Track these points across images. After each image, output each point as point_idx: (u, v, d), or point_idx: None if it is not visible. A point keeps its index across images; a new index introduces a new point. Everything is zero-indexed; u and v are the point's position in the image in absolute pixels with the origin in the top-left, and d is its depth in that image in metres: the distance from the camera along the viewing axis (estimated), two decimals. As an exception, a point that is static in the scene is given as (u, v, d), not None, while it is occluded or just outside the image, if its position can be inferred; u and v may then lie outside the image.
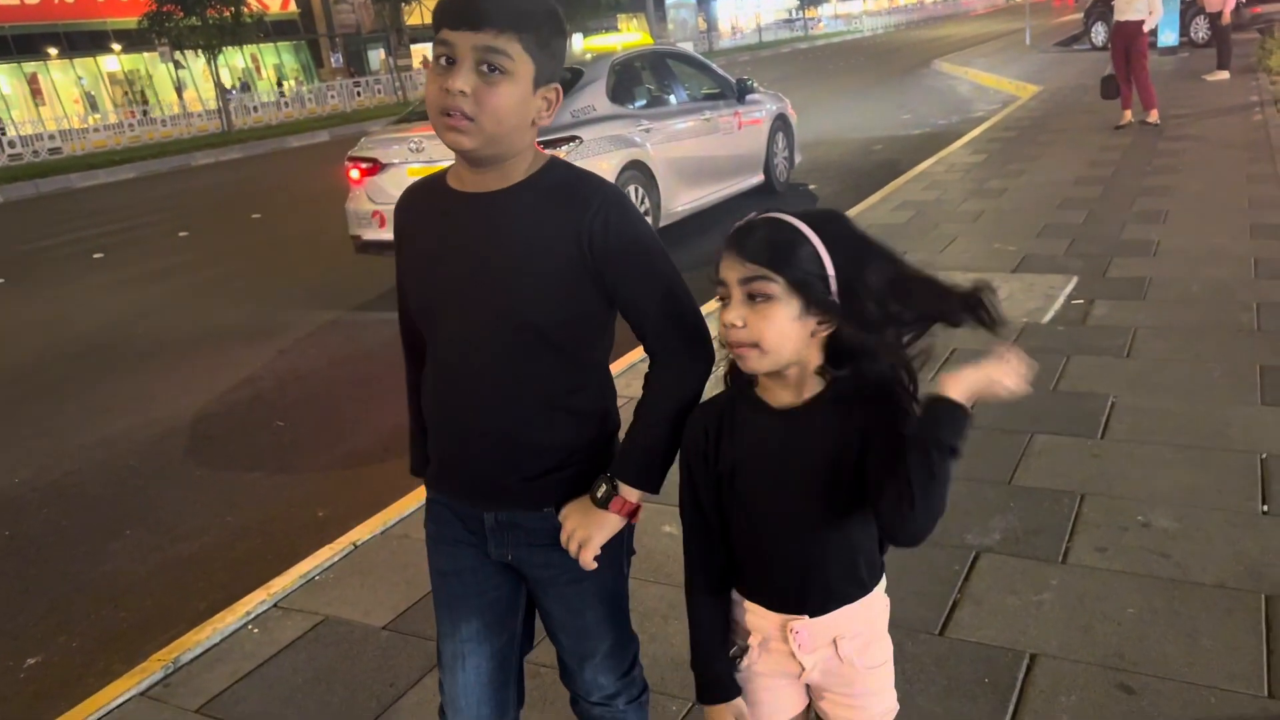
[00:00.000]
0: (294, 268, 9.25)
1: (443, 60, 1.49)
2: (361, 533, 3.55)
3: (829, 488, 1.44)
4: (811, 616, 1.50)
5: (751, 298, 1.38)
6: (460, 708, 1.77)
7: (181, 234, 11.87)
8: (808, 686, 1.59)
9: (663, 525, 3.25)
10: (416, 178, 5.39)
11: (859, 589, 1.52)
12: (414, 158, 7.15)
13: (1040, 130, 11.49)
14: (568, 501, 1.66)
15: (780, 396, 1.47)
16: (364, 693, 2.68)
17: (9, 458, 5.18)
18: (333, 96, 34.27)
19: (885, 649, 1.58)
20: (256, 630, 3.04)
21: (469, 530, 1.73)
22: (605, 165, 7.24)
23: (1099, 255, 6.07)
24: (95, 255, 11.05)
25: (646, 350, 1.65)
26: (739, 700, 1.57)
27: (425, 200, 1.70)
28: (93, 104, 36.99)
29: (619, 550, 1.73)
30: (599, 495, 1.62)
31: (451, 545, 1.75)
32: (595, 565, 1.62)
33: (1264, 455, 3.39)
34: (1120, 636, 2.56)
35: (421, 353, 1.78)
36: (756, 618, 1.55)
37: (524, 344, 1.59)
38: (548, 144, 6.80)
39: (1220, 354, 4.33)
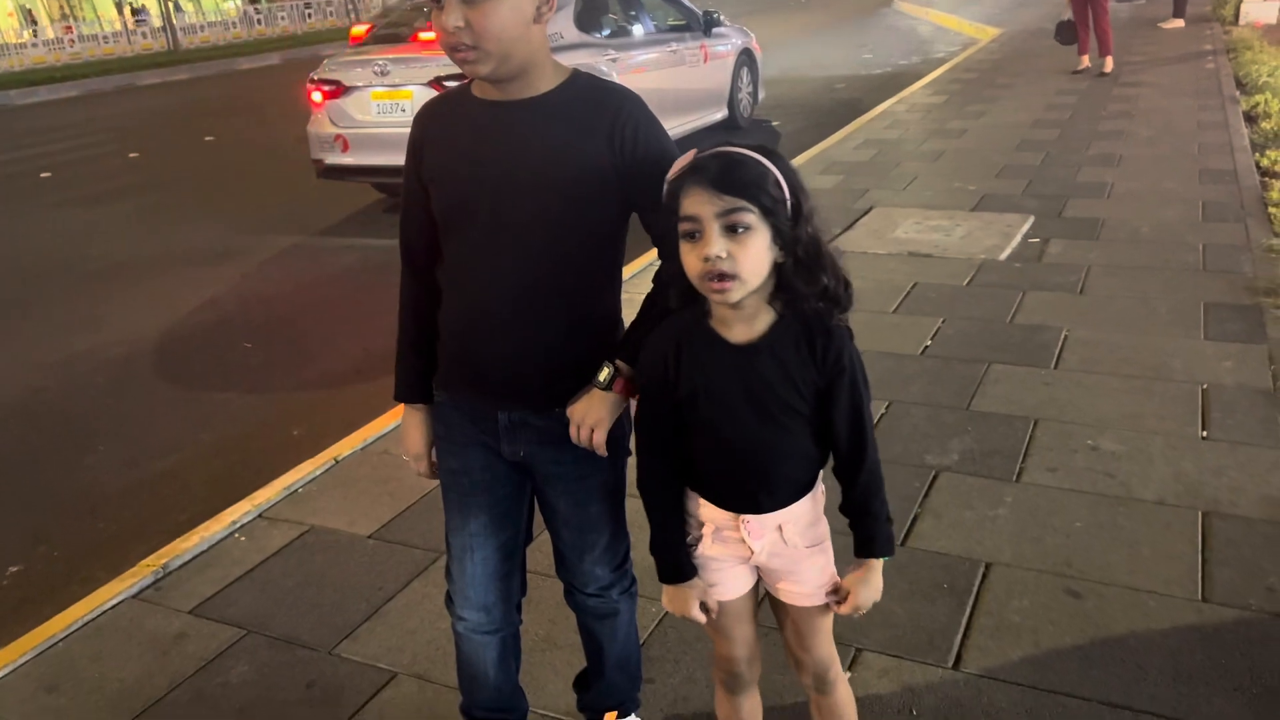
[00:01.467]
0: (250, 191, 9.12)
1: (437, 2, 1.56)
2: (342, 448, 3.63)
3: (786, 412, 1.57)
4: (762, 513, 1.64)
5: (732, 229, 1.42)
6: (469, 596, 1.90)
7: (132, 155, 11.58)
8: (756, 567, 1.75)
9: (637, 444, 3.37)
10: (380, 102, 5.23)
11: (805, 488, 1.66)
12: (378, 81, 7.05)
13: (999, 73, 11.60)
14: None
15: (736, 330, 1.55)
16: (354, 595, 2.78)
17: (-29, 376, 5.14)
18: (282, 18, 33.23)
19: (823, 529, 1.72)
20: (243, 538, 3.12)
21: (480, 430, 1.82)
22: None
23: (1055, 196, 6.24)
24: (43, 174, 10.76)
25: (661, 252, 1.73)
26: (698, 580, 1.71)
27: (451, 110, 1.74)
28: (29, 18, 35.48)
29: (621, 448, 1.84)
30: (602, 378, 1.70)
31: (461, 446, 1.85)
32: (606, 451, 1.73)
33: (1204, 385, 3.59)
34: (1068, 547, 2.75)
35: (422, 267, 1.83)
36: (710, 511, 1.68)
37: (551, 247, 1.67)
38: None
39: (1167, 291, 4.52)
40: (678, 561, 1.71)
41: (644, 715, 2.21)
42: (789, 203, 1.46)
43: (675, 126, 8.60)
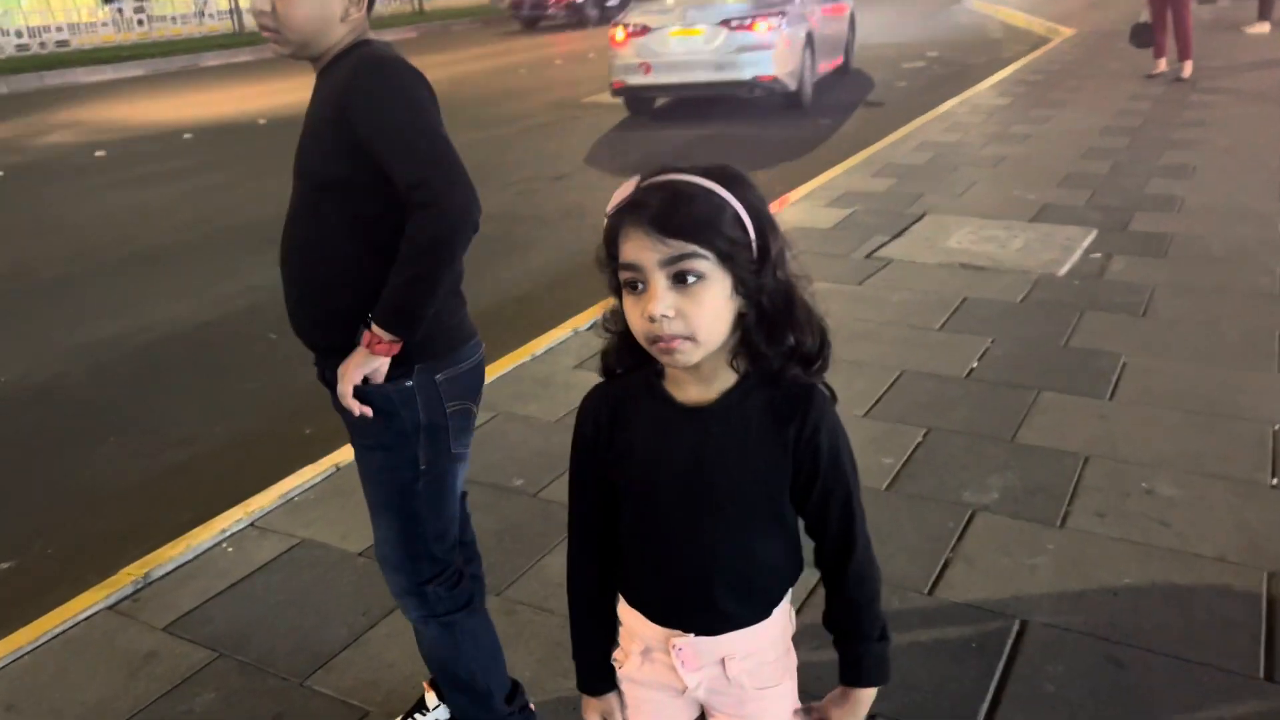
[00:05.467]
0: (297, 177, 9.08)
1: None
2: (344, 454, 3.47)
3: (739, 499, 1.29)
4: (697, 635, 1.34)
5: (680, 279, 1.16)
6: None
7: (186, 136, 11.64)
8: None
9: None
10: (677, 38, 10.17)
11: (756, 612, 1.34)
12: (673, 21, 9.94)
13: (1069, 75, 11.16)
14: None
15: (689, 391, 1.28)
16: (336, 619, 2.62)
17: (-4, 357, 5.11)
18: (348, 2, 33.46)
19: (783, 668, 1.40)
20: (231, 549, 2.98)
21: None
22: (799, 34, 10.19)
23: (1121, 208, 5.89)
24: (97, 153, 10.85)
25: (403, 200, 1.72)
26: (610, 697, 1.44)
27: None
28: (104, -3, 36.15)
29: (409, 437, 1.83)
30: (359, 331, 1.75)
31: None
32: (356, 406, 1.75)
33: (1277, 426, 3.29)
34: (1114, 607, 2.49)
35: None
36: (640, 624, 1.39)
37: (312, 199, 1.79)
38: (763, 15, 9.76)
39: (1238, 318, 4.19)
40: (590, 669, 1.44)
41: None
42: (753, 244, 1.19)
43: (829, 65, 11.55)
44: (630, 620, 1.40)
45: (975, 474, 3.11)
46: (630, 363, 1.31)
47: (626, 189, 1.21)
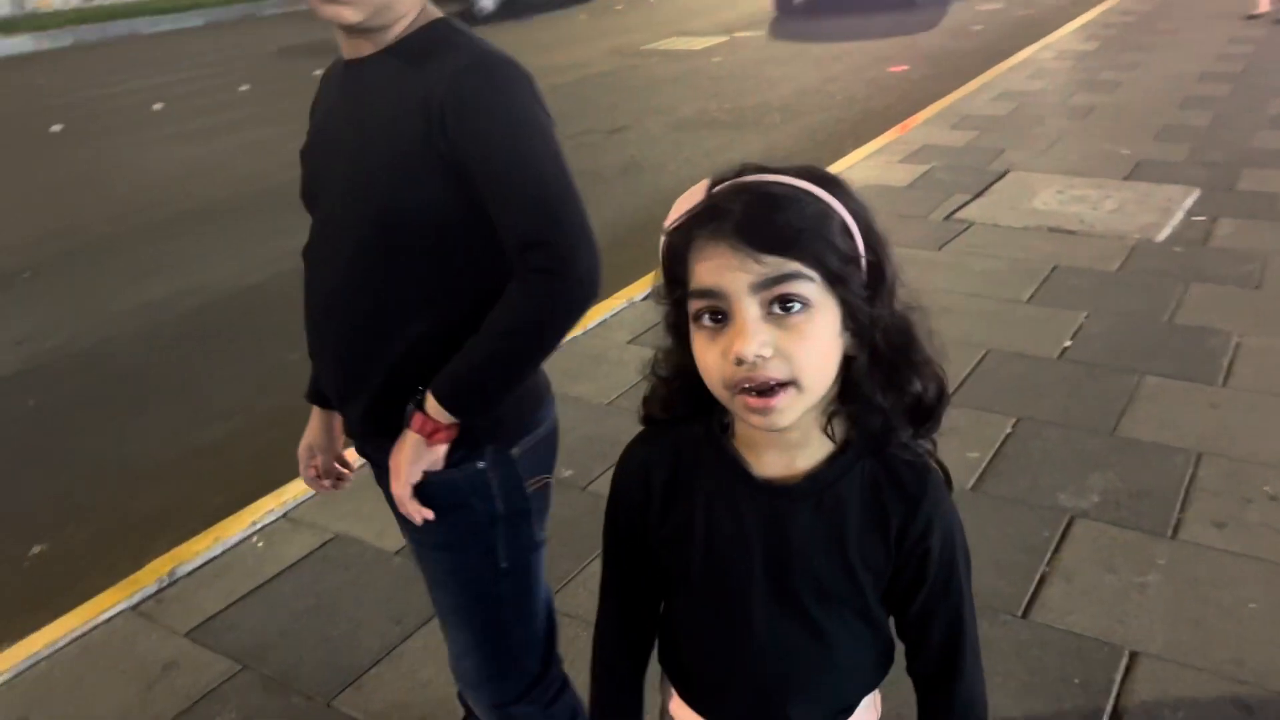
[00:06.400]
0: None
1: None
2: (385, 439, 3.28)
3: (828, 603, 1.04)
4: None
5: (782, 306, 0.88)
6: None
7: (242, 88, 11.51)
8: None
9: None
10: None
11: (842, 712, 1.11)
12: None
13: (1161, 16, 10.45)
14: None
15: (766, 459, 1.01)
16: (367, 628, 2.43)
17: (45, 320, 5.00)
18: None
19: None
20: (261, 544, 2.81)
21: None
22: None
23: (1226, 165, 5.41)
24: (155, 106, 10.76)
25: (509, 255, 1.31)
26: None
27: (334, 71, 1.47)
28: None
29: (484, 532, 1.42)
30: (408, 410, 1.34)
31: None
32: (417, 510, 1.35)
33: None
34: (1240, 638, 2.18)
35: None
36: (691, 718, 1.17)
37: (373, 236, 1.33)
38: None
39: (1367, 292, 3.78)
40: None
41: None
42: (864, 260, 0.92)
43: None
44: (679, 713, 1.15)
45: (1072, 473, 2.79)
46: (683, 412, 1.02)
47: (693, 195, 0.92)
